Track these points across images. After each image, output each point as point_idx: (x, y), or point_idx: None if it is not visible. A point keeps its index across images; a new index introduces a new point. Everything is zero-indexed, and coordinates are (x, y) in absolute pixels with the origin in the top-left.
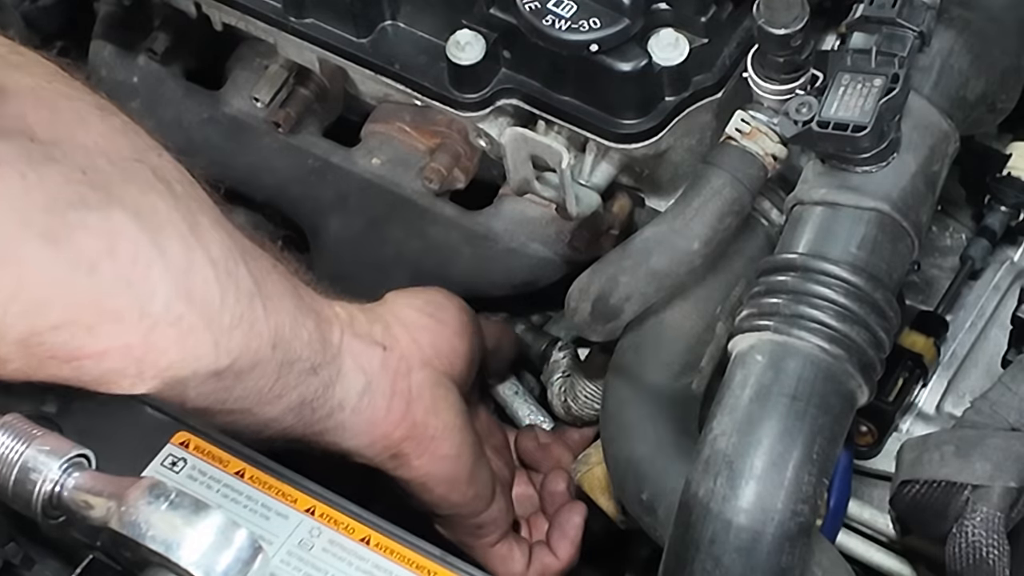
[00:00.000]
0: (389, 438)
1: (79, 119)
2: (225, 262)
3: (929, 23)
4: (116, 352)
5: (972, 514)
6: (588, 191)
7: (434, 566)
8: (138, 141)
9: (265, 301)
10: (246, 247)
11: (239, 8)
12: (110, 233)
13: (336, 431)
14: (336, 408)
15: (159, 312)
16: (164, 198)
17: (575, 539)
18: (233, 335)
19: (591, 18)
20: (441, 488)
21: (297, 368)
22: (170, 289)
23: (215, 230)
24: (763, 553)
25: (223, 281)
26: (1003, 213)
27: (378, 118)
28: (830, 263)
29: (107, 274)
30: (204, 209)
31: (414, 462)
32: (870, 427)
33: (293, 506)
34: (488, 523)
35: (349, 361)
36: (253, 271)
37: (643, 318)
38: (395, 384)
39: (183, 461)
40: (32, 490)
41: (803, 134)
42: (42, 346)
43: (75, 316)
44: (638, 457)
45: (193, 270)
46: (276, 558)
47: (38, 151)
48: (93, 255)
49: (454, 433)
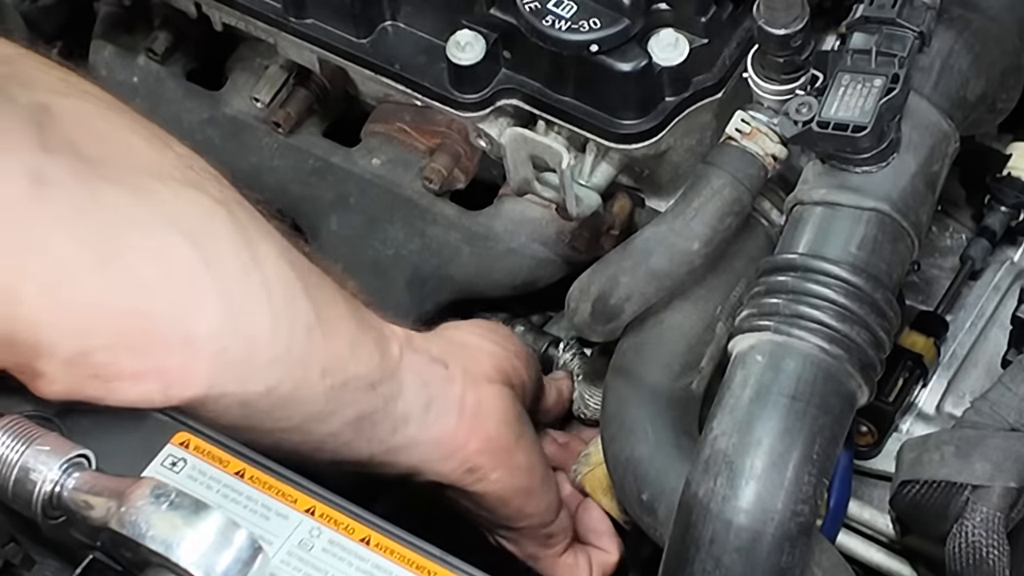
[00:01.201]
0: (463, 451)
1: (129, 146)
2: (283, 293)
3: (929, 23)
4: (152, 375)
5: (972, 514)
6: (588, 191)
7: (434, 566)
8: (193, 174)
9: (324, 330)
10: (308, 276)
11: (239, 8)
12: (163, 255)
13: (406, 448)
14: (400, 422)
15: (203, 340)
16: (224, 223)
17: (609, 530)
18: (273, 368)
19: (591, 18)
20: (518, 500)
21: (352, 386)
22: (218, 318)
23: (276, 259)
24: (763, 553)
25: (277, 312)
26: (1003, 213)
27: (378, 118)
28: (830, 263)
29: (159, 297)
30: (265, 238)
31: (492, 475)
32: (870, 427)
33: (293, 506)
34: (558, 532)
35: (410, 377)
36: (315, 300)
37: (643, 318)
38: (463, 398)
39: (183, 461)
40: (32, 490)
41: (803, 134)
42: (89, 366)
43: (122, 336)
44: (638, 457)
45: (247, 299)
46: (276, 558)
47: (88, 170)
48: (142, 275)
49: (525, 443)
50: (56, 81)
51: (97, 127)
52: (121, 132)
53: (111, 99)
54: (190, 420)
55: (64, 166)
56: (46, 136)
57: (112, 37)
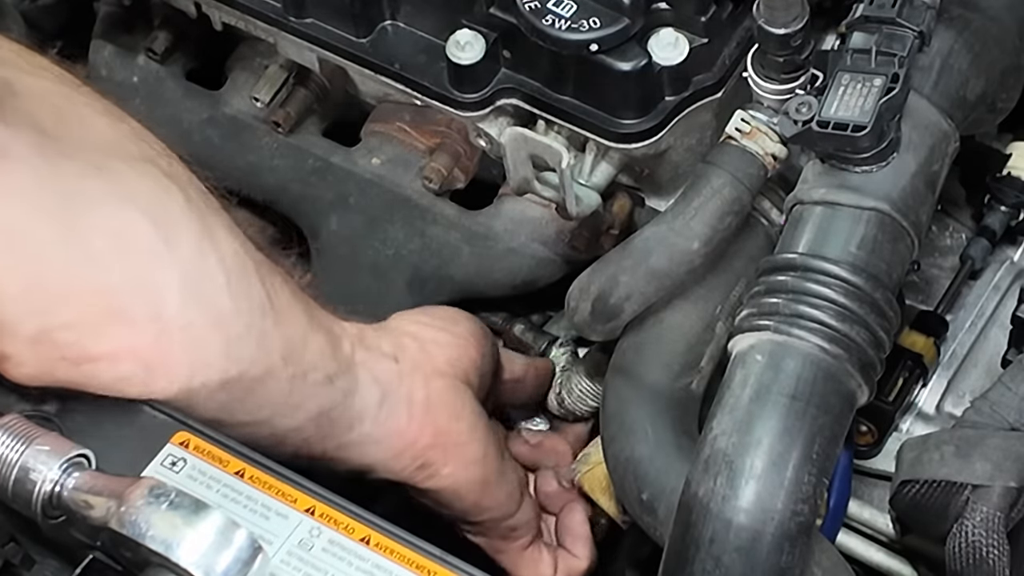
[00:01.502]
0: (414, 447)
1: (87, 122)
2: (238, 271)
3: (929, 23)
4: (125, 356)
5: (972, 514)
6: (588, 191)
7: (434, 566)
8: (146, 147)
9: (276, 314)
10: (259, 259)
11: (239, 8)
12: (123, 230)
13: (359, 445)
14: (356, 420)
15: (170, 316)
16: (177, 200)
17: (585, 535)
18: (243, 345)
19: (591, 18)
20: (473, 494)
21: (311, 379)
22: (182, 292)
23: (229, 238)
24: (763, 553)
25: (235, 290)
26: (1003, 213)
27: (378, 118)
28: (830, 263)
29: (118, 272)
30: (218, 216)
31: (443, 470)
32: (870, 427)
33: (293, 506)
34: (521, 524)
35: (363, 373)
36: (265, 283)
37: (643, 318)
38: (412, 393)
39: (183, 461)
40: (32, 490)
41: (803, 134)
42: (53, 345)
43: (85, 314)
44: (638, 457)
45: (206, 275)
46: (276, 558)
47: (50, 145)
48: (106, 252)
49: (478, 437)
50: (17, 58)
51: (57, 103)
52: (78, 107)
53: (68, 76)
54: (190, 419)
55: (25, 140)
56: (6, 111)
57: (112, 37)
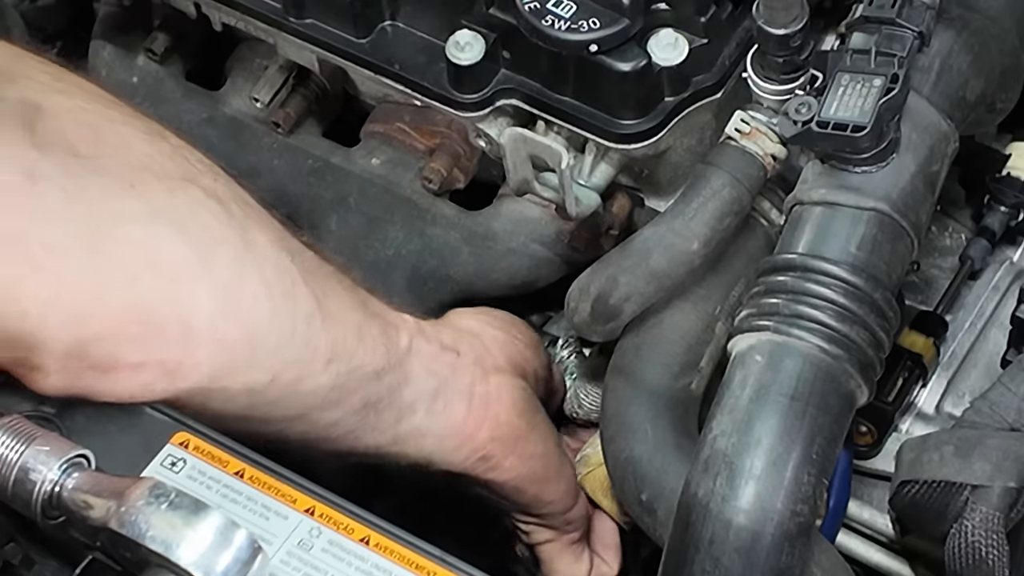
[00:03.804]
0: (475, 440)
1: (123, 141)
2: (281, 281)
3: (928, 23)
4: (153, 365)
5: (971, 514)
6: (588, 191)
7: (434, 566)
8: (187, 165)
9: (325, 317)
10: (308, 266)
11: (239, 8)
12: (153, 246)
13: (413, 438)
14: (406, 411)
15: (202, 328)
16: (216, 215)
17: (616, 544)
18: (277, 354)
19: (591, 18)
20: (534, 487)
21: (357, 375)
22: (215, 306)
23: (272, 249)
24: (762, 553)
25: (276, 300)
26: (1002, 213)
27: (378, 118)
28: (829, 263)
29: (148, 286)
30: (262, 228)
31: (504, 463)
32: (870, 427)
33: (292, 506)
34: (577, 518)
35: (417, 365)
36: (315, 290)
37: (643, 318)
38: (472, 387)
39: (183, 461)
40: (32, 490)
41: (802, 134)
42: (86, 357)
43: (117, 327)
44: (637, 457)
45: (243, 288)
46: (275, 558)
47: (79, 165)
48: (134, 267)
49: (538, 431)
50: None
51: (90, 122)
52: (114, 125)
53: (104, 94)
54: (190, 420)
55: (56, 162)
56: (37, 134)
57: (112, 37)
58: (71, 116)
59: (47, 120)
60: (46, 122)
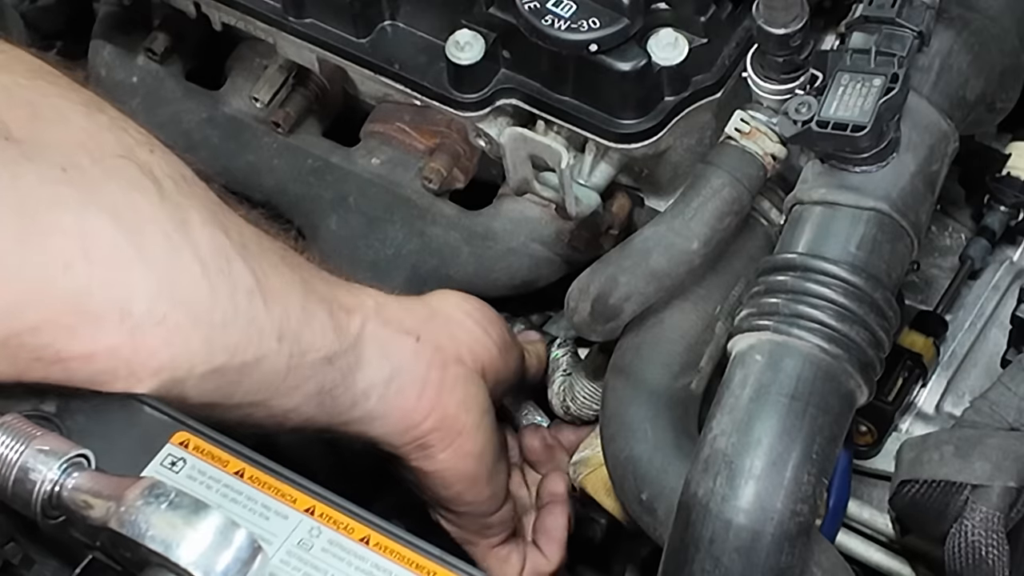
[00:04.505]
0: (418, 427)
1: (60, 116)
2: (216, 259)
3: (928, 23)
4: (102, 354)
5: (971, 514)
6: (587, 191)
7: (434, 566)
8: (126, 137)
9: (266, 296)
10: (246, 242)
11: (239, 8)
12: (85, 233)
13: (364, 420)
14: (360, 397)
15: (142, 312)
16: (149, 196)
17: (561, 539)
18: (228, 331)
19: (590, 18)
20: (460, 485)
21: (310, 358)
22: (151, 289)
23: (206, 227)
24: (762, 553)
25: (213, 278)
26: (1002, 213)
27: (378, 118)
28: (829, 263)
29: (82, 275)
30: (196, 206)
31: (439, 455)
32: (870, 427)
33: (292, 506)
34: (497, 524)
35: (371, 349)
36: (253, 266)
37: (643, 318)
38: (428, 374)
39: (182, 461)
40: (32, 490)
41: (802, 134)
42: (23, 348)
43: (52, 317)
44: (637, 457)
45: (178, 269)
46: (275, 558)
47: (12, 150)
48: (67, 256)
49: (481, 432)
50: None
51: (27, 99)
52: (50, 99)
53: (43, 65)
54: (190, 419)
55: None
56: None
57: (111, 37)
58: (7, 94)
59: None
60: None
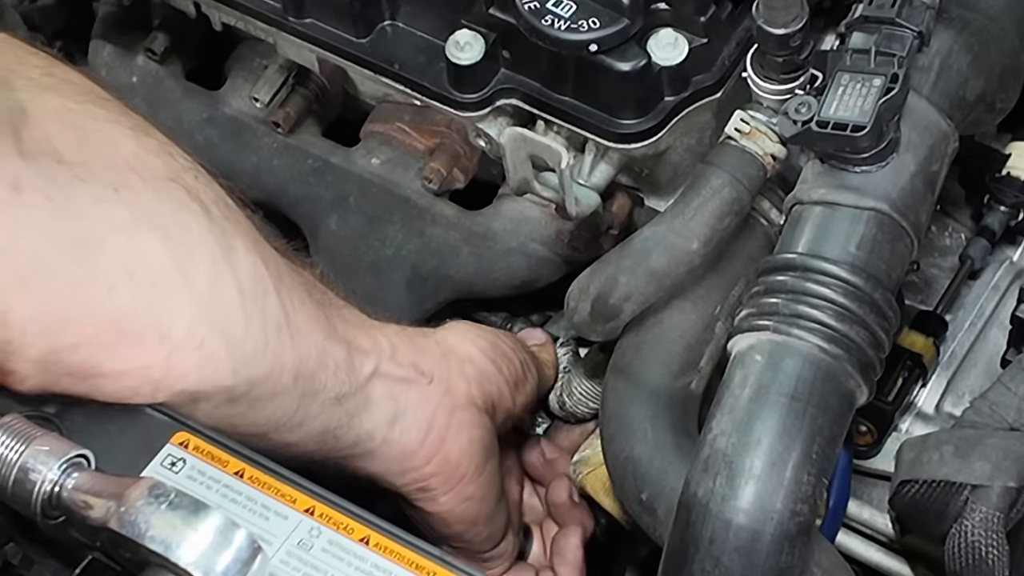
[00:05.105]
0: (420, 471)
1: (110, 140)
2: (254, 289)
3: (928, 23)
4: (135, 373)
5: (971, 514)
6: (587, 191)
7: (434, 566)
8: (173, 162)
9: (293, 332)
10: (281, 275)
11: (238, 8)
12: (134, 255)
13: (365, 457)
14: (364, 437)
15: (180, 336)
16: (198, 219)
17: (575, 562)
18: (254, 364)
19: (590, 18)
20: (460, 526)
21: (320, 398)
22: (193, 313)
23: (249, 255)
24: (762, 553)
25: (249, 309)
26: (1002, 213)
27: (377, 118)
28: (829, 263)
29: (127, 296)
30: (240, 233)
31: (440, 498)
32: (870, 427)
33: (292, 506)
34: (496, 557)
35: (380, 390)
36: (284, 301)
37: (642, 318)
38: (434, 419)
39: (182, 461)
40: (31, 490)
41: (802, 134)
42: (60, 364)
43: (93, 336)
44: (637, 456)
45: (219, 295)
46: (275, 558)
47: (64, 173)
48: (113, 276)
49: (483, 477)
50: (38, 74)
51: (76, 123)
52: (101, 124)
53: (93, 88)
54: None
55: (41, 171)
56: (23, 141)
57: (111, 37)
58: (57, 119)
59: (32, 126)
60: (31, 128)
